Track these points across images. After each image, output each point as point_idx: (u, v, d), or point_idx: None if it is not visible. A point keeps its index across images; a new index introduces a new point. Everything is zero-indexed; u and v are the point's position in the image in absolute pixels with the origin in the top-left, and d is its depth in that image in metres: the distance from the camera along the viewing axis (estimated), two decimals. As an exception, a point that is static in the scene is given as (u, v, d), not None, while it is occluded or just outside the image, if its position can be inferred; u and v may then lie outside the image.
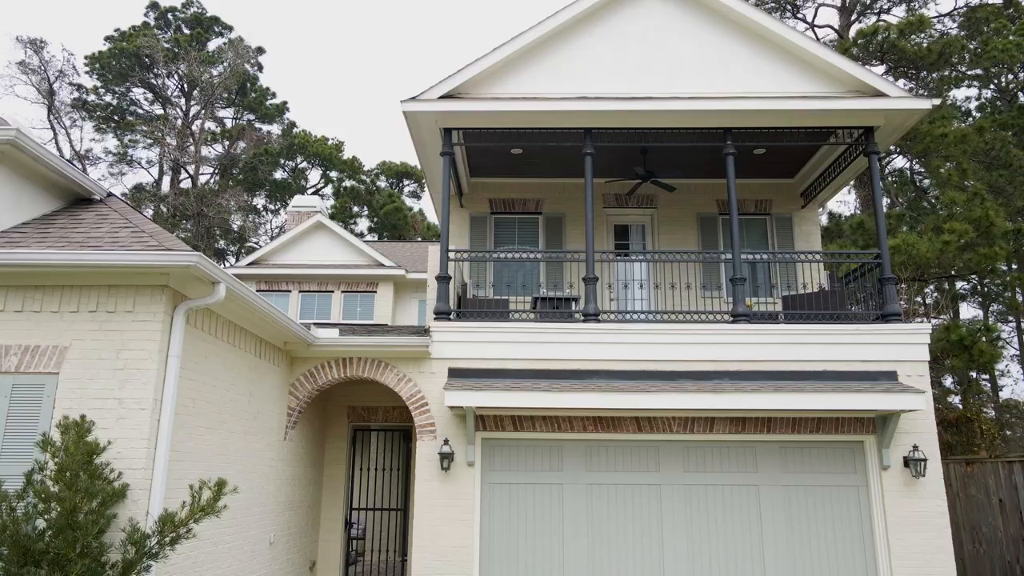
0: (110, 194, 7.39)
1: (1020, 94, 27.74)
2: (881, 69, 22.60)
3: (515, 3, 70.45)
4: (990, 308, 34.57)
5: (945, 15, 23.34)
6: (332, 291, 17.90)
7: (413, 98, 9.82)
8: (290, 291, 17.89)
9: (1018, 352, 32.86)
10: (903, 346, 9.03)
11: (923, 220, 20.38)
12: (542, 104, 9.79)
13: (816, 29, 24.11)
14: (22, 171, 6.48)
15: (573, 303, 10.34)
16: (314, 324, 10.63)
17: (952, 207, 17.10)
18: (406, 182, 49.89)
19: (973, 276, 26.00)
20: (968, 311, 35.23)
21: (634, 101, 9.75)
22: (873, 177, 9.85)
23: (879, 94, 9.74)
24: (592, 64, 10.30)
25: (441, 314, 9.40)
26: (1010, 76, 28.41)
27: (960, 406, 27.06)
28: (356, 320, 17.74)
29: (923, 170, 21.17)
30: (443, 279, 9.53)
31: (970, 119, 28.64)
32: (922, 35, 18.55)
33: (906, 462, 8.65)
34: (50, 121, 31.56)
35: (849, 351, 9.09)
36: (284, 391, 9.07)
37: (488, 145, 10.65)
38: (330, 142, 45.07)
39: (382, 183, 48.27)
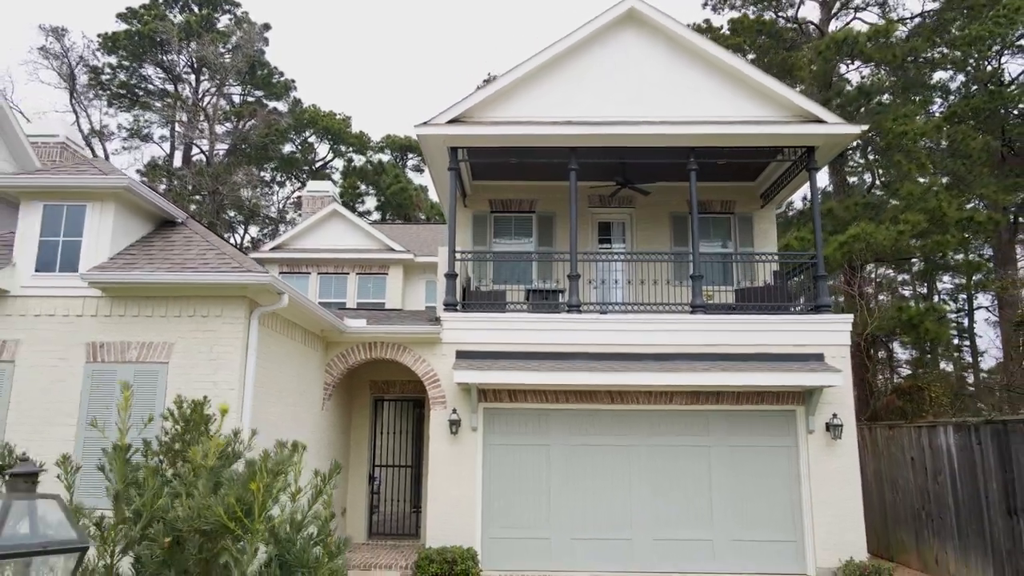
0: (189, 216, 9.27)
1: (1006, 75, 29.30)
2: (857, 62, 24.14)
3: (515, -26, 70.82)
4: (973, 279, 36.73)
5: (918, 15, 24.71)
6: (348, 273, 19.79)
7: (425, 123, 11.63)
8: (310, 273, 19.79)
9: (998, 320, 35.01)
10: (829, 333, 10.99)
11: (898, 198, 22.07)
12: (534, 128, 11.59)
13: (802, 26, 25.49)
14: (129, 206, 8.38)
15: (560, 295, 12.26)
16: (338, 309, 12.56)
17: (910, 198, 18.88)
18: (410, 156, 51.44)
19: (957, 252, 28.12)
20: (953, 282, 37.49)
21: (612, 126, 11.55)
22: (812, 190, 11.72)
23: (818, 120, 11.53)
24: (578, 90, 12.07)
25: (449, 306, 11.34)
26: (985, 61, 29.92)
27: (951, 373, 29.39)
28: (369, 299, 19.65)
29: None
30: (451, 276, 11.45)
31: (951, 97, 30.19)
32: (888, 39, 20.00)
33: (827, 427, 10.68)
34: (72, 105, 33.17)
35: (786, 337, 11.04)
36: (321, 370, 11.06)
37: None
38: (338, 117, 46.55)
39: (386, 156, 49.87)
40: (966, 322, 39.02)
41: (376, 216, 43.93)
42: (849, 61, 21.40)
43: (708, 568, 10.56)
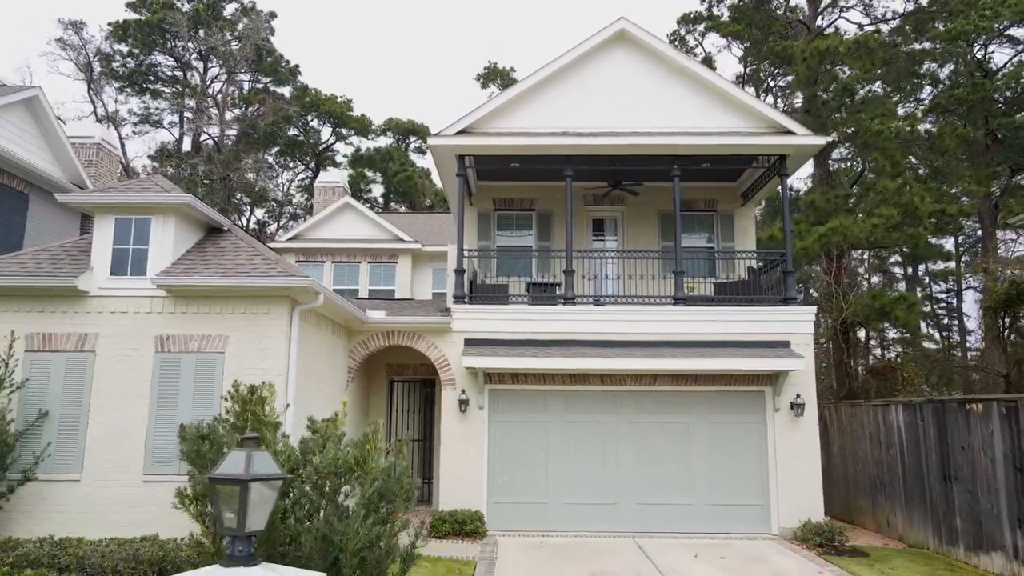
0: (232, 223, 10.62)
1: (993, 64, 30.48)
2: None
3: (516, -44, 71.17)
4: (962, 259, 38.39)
5: (900, 15, 25.79)
6: (359, 262, 21.17)
7: (436, 135, 12.97)
8: (324, 262, 21.15)
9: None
10: (795, 322, 12.41)
11: (876, 191, 23.36)
12: (533, 139, 12.91)
13: (792, 22, 26.57)
14: (187, 219, 9.76)
15: (557, 288, 13.63)
16: (355, 298, 13.90)
17: (885, 193, 20.20)
18: (412, 139, 52.57)
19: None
20: (932, 267, 39.27)
21: (605, 136, 12.86)
22: (783, 195, 13.07)
23: (789, 132, 12.85)
24: (574, 103, 13.37)
25: (458, 298, 12.74)
26: (970, 53, 31.04)
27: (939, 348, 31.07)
28: (380, 286, 21.06)
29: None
30: (459, 272, 12.83)
31: (940, 86, 31.36)
32: (868, 47, 21.08)
33: (792, 406, 12.13)
34: (89, 95, 34.36)
35: (757, 326, 12.45)
36: (345, 356, 12.49)
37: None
38: (340, 100, 47.55)
39: (389, 139, 51.01)
40: (955, 301, 40.63)
41: (382, 202, 45.20)
42: (829, 64, 22.49)
43: (686, 529, 12.06)
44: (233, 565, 2.95)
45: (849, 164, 33.90)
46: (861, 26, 25.53)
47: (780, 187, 15.49)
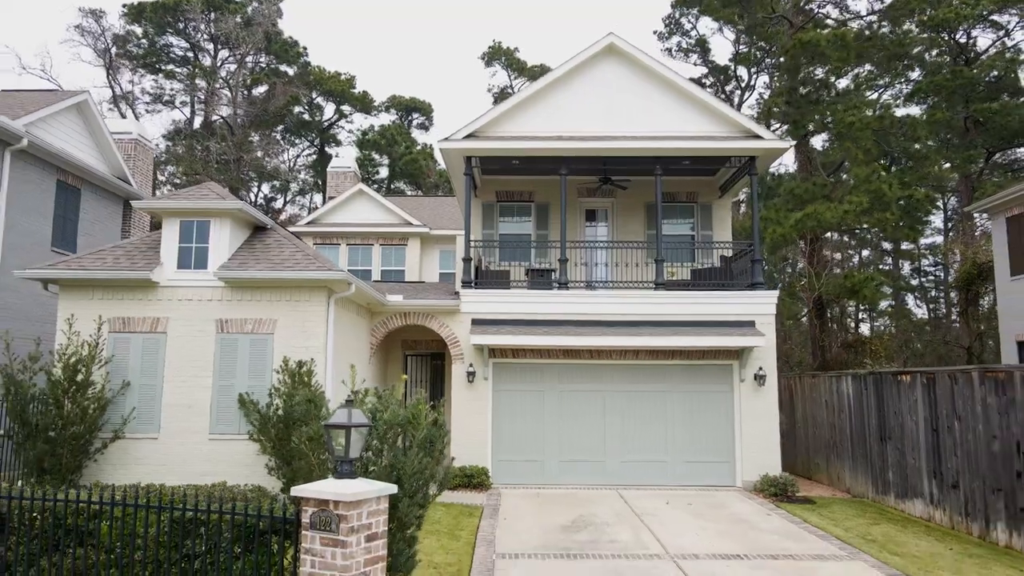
0: (275, 221, 12.39)
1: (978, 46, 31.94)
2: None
3: (516, -69, 71.46)
4: (950, 234, 40.28)
5: (874, 12, 27.17)
6: (372, 244, 22.94)
7: (446, 139, 14.68)
8: (339, 244, 22.92)
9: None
10: (760, 304, 14.24)
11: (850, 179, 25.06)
12: (532, 143, 14.61)
13: (772, 17, 27.93)
14: (239, 220, 11.55)
15: (553, 273, 15.43)
16: (374, 282, 15.65)
17: (857, 180, 21.88)
18: (415, 115, 53.95)
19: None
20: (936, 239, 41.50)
21: (596, 140, 14.57)
22: (752, 193, 14.81)
23: (758, 136, 14.54)
24: (569, 108, 15.06)
25: (466, 283, 14.56)
26: (952, 39, 32.42)
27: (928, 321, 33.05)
28: (391, 267, 22.87)
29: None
30: (467, 260, 14.63)
31: (924, 71, 32.80)
32: (845, 41, 22.56)
33: (755, 377, 14.01)
34: (108, 80, 35.81)
35: (727, 308, 14.28)
36: (368, 333, 14.34)
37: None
38: (342, 77, 48.84)
39: (392, 116, 52.40)
40: (943, 275, 42.61)
41: (387, 182, 46.79)
42: (812, 59, 23.96)
43: (663, 482, 14.03)
44: (342, 478, 4.80)
45: (833, 148, 35.50)
46: (839, 21, 26.90)
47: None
